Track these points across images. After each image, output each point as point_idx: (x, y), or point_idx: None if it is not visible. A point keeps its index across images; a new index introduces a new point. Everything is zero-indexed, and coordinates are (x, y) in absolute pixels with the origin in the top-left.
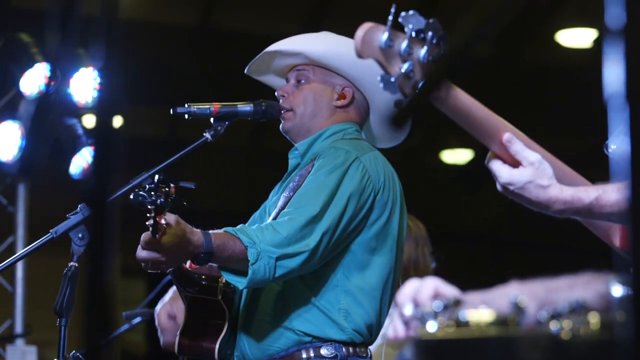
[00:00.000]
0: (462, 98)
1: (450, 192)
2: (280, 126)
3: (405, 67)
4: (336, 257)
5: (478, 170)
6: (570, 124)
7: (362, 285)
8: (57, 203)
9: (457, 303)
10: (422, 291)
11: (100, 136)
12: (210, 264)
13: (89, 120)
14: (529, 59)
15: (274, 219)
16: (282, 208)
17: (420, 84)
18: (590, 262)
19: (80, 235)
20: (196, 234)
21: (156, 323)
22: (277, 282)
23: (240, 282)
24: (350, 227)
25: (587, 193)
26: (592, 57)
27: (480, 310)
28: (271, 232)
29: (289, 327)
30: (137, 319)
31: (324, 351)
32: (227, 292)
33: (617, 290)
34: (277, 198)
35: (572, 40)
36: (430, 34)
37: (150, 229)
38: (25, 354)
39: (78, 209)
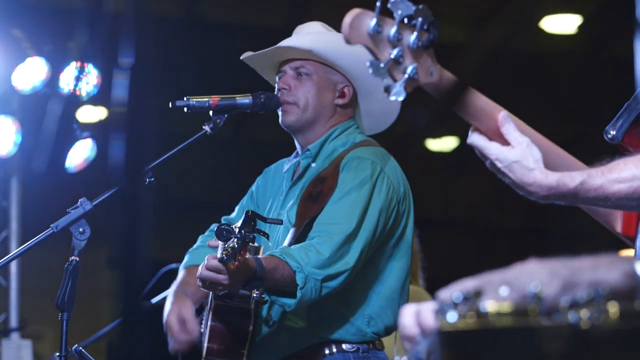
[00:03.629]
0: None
1: (436, 179)
2: (281, 119)
3: (394, 52)
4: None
5: (463, 157)
6: (554, 110)
7: (383, 291)
8: (50, 197)
9: (477, 294)
10: (424, 314)
11: (132, 127)
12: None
13: (84, 114)
14: (513, 45)
15: (297, 227)
16: (306, 217)
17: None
18: (578, 247)
19: (81, 229)
20: (251, 260)
21: (165, 328)
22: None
23: (288, 304)
24: (380, 240)
25: (572, 178)
26: (577, 43)
27: (501, 295)
28: (315, 253)
29: (313, 333)
30: None
31: (345, 346)
32: (259, 302)
33: None
34: (294, 202)
35: (556, 27)
36: (420, 19)
37: (225, 257)
38: (21, 348)
39: (78, 203)
